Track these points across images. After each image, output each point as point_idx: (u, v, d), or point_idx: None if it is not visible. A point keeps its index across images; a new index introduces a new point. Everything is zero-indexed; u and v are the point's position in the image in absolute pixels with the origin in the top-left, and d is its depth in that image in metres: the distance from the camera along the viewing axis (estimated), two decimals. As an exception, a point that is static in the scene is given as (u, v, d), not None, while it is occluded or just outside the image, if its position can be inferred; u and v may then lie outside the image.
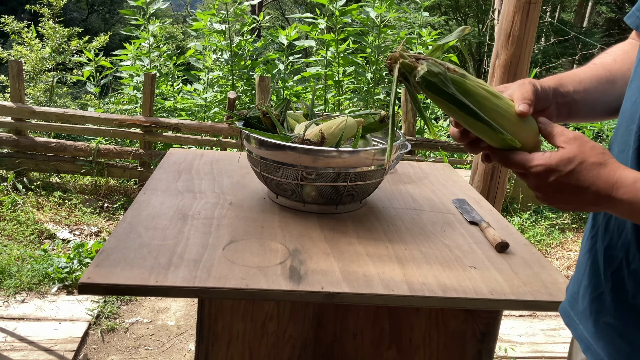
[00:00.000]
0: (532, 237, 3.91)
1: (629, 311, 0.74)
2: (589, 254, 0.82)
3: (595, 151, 0.71)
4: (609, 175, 0.69)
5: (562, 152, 0.72)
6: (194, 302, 2.69)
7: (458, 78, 0.77)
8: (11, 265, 2.86)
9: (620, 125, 0.77)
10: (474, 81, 0.79)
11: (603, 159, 0.70)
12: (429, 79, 0.76)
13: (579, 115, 0.89)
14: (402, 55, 0.78)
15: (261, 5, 15.13)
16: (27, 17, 6.25)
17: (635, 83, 0.75)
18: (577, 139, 0.72)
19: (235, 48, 5.47)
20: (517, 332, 2.68)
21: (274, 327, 1.09)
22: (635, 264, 0.73)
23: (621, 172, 0.69)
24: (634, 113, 0.73)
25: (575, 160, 0.70)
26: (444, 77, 0.76)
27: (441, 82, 0.76)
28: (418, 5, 6.39)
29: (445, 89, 0.76)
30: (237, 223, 1.22)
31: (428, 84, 0.76)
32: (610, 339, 0.77)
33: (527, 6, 2.70)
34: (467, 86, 0.77)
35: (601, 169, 0.69)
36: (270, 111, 1.35)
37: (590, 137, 5.43)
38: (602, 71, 0.89)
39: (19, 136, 4.09)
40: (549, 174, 0.71)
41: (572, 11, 15.11)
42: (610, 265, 0.77)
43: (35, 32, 5.52)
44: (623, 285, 0.75)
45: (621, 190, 0.67)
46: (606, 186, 0.68)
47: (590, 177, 0.69)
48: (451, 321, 1.11)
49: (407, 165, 1.82)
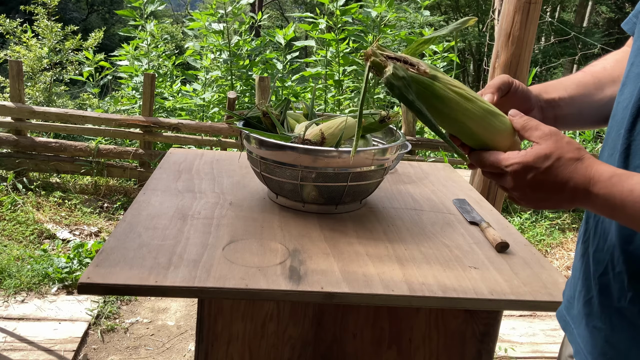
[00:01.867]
0: (532, 237, 3.91)
1: (614, 315, 0.74)
2: (582, 259, 0.82)
3: (571, 146, 0.70)
4: (586, 170, 0.68)
5: (538, 148, 0.71)
6: (193, 302, 2.69)
7: (427, 81, 0.75)
8: (11, 265, 2.86)
9: (611, 129, 0.77)
10: (446, 83, 0.77)
11: (579, 154, 0.70)
12: (392, 82, 0.74)
13: (565, 122, 0.89)
14: (375, 53, 0.77)
15: (261, 4, 15.13)
16: (22, 16, 6.22)
17: (628, 88, 0.75)
18: (553, 135, 0.72)
19: (233, 48, 5.47)
20: (517, 332, 2.68)
21: (274, 327, 1.08)
22: (619, 267, 0.72)
23: (597, 167, 0.68)
24: (623, 118, 0.73)
25: (553, 156, 0.70)
26: (406, 82, 0.74)
27: (404, 87, 0.74)
28: (418, 5, 6.39)
29: (406, 94, 0.74)
30: (237, 223, 1.22)
31: (391, 86, 0.74)
32: (598, 343, 0.77)
33: (527, 6, 2.70)
34: (435, 89, 0.76)
35: (578, 164, 0.69)
36: (270, 111, 1.35)
37: (590, 138, 5.43)
38: (589, 78, 0.89)
39: (19, 136, 4.09)
40: (526, 172, 0.70)
41: (572, 11, 15.11)
42: (598, 268, 0.77)
43: (31, 31, 5.51)
44: (609, 288, 0.74)
45: (598, 185, 0.67)
46: (583, 181, 0.68)
47: (568, 172, 0.69)
48: (451, 321, 1.11)
49: (407, 165, 1.82)
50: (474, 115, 0.76)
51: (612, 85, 0.88)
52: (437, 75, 0.77)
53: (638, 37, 0.78)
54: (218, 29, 5.43)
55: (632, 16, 0.87)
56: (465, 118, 0.76)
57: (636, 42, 0.78)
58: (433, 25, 6.63)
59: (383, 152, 1.25)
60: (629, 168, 0.71)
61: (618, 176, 0.66)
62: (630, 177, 0.66)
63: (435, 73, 0.78)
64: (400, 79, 0.74)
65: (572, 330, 0.84)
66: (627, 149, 0.71)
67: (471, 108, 0.77)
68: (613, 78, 0.88)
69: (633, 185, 0.65)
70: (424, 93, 0.75)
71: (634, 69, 0.75)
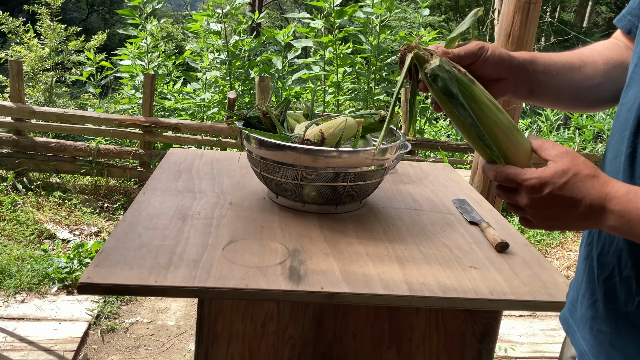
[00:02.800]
0: (532, 237, 3.91)
1: (620, 319, 0.73)
2: (586, 261, 0.82)
3: (587, 164, 0.71)
4: (602, 187, 0.69)
5: (556, 165, 0.71)
6: (194, 302, 2.69)
7: (466, 81, 0.77)
8: (11, 265, 2.86)
9: (615, 131, 0.77)
10: (482, 90, 0.79)
11: (595, 171, 0.70)
12: (438, 73, 0.75)
13: (540, 97, 0.89)
14: (418, 47, 0.78)
15: (261, 4, 15.12)
16: (25, 16, 6.22)
17: (632, 89, 0.75)
18: (570, 153, 0.72)
19: (232, 48, 5.46)
20: (517, 332, 2.68)
21: (274, 327, 1.08)
22: (627, 272, 0.72)
23: (613, 184, 0.68)
24: (627, 120, 0.73)
25: (569, 172, 0.70)
26: (452, 75, 0.76)
27: (449, 80, 0.76)
28: (417, 5, 6.39)
29: (451, 87, 0.75)
30: (237, 223, 1.22)
31: (435, 78, 0.76)
32: (603, 347, 0.76)
33: (527, 6, 2.70)
34: (474, 91, 0.77)
35: (594, 181, 0.69)
36: (270, 111, 1.35)
37: (590, 137, 5.43)
38: (575, 59, 0.89)
39: (19, 136, 4.09)
40: (543, 187, 0.70)
41: (572, 11, 15.12)
42: (603, 272, 0.76)
43: (33, 31, 5.51)
44: (615, 292, 0.74)
45: (614, 202, 0.67)
46: (599, 197, 0.68)
47: (584, 188, 0.69)
48: (451, 321, 1.11)
49: (407, 165, 1.82)
50: (503, 126, 0.77)
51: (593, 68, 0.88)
52: (474, 80, 0.79)
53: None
54: (216, 29, 5.43)
55: (626, 13, 0.87)
56: (495, 126, 0.77)
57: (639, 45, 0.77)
58: (432, 26, 6.62)
59: (383, 152, 1.25)
60: (635, 172, 0.71)
61: (634, 192, 0.66)
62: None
63: (473, 79, 0.79)
64: (447, 71, 0.76)
65: (575, 334, 0.84)
66: (632, 152, 0.71)
67: (502, 118, 0.77)
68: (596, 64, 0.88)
69: None
70: (463, 92, 0.77)
71: (638, 70, 0.75)
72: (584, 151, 5.26)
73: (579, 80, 0.88)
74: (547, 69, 0.87)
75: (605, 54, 0.90)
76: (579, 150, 5.21)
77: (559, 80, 0.87)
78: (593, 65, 0.88)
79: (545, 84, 0.87)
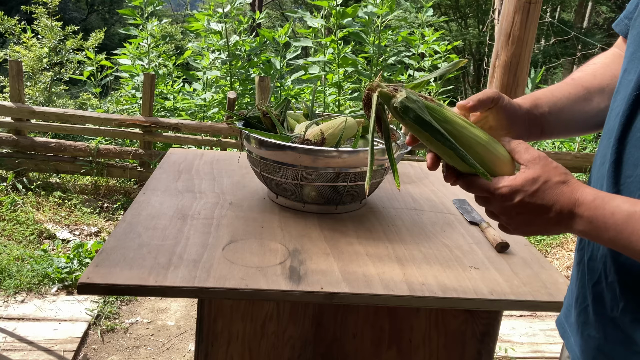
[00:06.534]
0: (532, 237, 3.91)
1: (608, 324, 0.74)
2: (578, 267, 0.82)
3: (558, 170, 0.72)
4: (571, 193, 0.69)
5: (527, 172, 0.72)
6: (193, 302, 2.69)
7: (436, 106, 0.78)
8: (11, 265, 2.86)
9: (603, 138, 0.78)
10: (452, 111, 0.80)
11: (565, 177, 0.71)
12: (408, 105, 0.76)
13: (552, 134, 0.90)
14: (380, 85, 0.79)
15: (261, 4, 15.13)
16: (22, 16, 6.22)
17: (620, 95, 0.75)
18: (542, 159, 0.73)
19: (232, 48, 5.46)
20: (517, 332, 2.68)
21: (274, 327, 1.08)
22: (611, 277, 0.73)
23: (582, 190, 0.69)
24: (614, 126, 0.73)
25: (540, 179, 0.71)
26: (421, 104, 0.77)
27: (419, 109, 0.76)
28: (419, 5, 6.39)
29: (423, 115, 0.76)
30: (237, 223, 1.22)
31: (407, 110, 0.76)
32: (592, 352, 0.77)
33: (527, 6, 2.70)
34: (446, 114, 0.78)
35: (564, 187, 0.70)
36: (271, 111, 1.35)
37: (591, 138, 5.42)
38: (580, 90, 0.89)
39: (19, 136, 4.09)
40: (514, 195, 0.72)
41: (572, 11, 15.12)
42: (592, 277, 0.77)
43: (31, 31, 5.51)
44: (602, 298, 0.75)
45: (582, 207, 0.68)
46: (569, 203, 0.69)
47: (554, 195, 0.70)
48: (451, 321, 1.11)
49: (407, 165, 1.82)
50: (482, 140, 0.78)
51: (600, 95, 0.88)
52: (442, 104, 0.80)
53: (631, 42, 0.77)
54: (217, 29, 5.43)
55: (624, 17, 0.86)
56: (474, 143, 0.77)
57: (629, 48, 0.77)
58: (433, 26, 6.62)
59: (383, 152, 1.25)
60: (620, 179, 0.71)
61: (600, 198, 0.67)
62: (612, 200, 0.67)
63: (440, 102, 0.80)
64: (415, 101, 0.76)
65: (569, 339, 0.84)
66: (617, 159, 0.72)
67: (479, 133, 0.78)
68: (602, 87, 0.88)
69: (614, 208, 0.65)
70: (436, 117, 0.77)
71: (626, 76, 0.74)
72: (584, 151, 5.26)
73: (587, 110, 0.88)
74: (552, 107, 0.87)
75: (607, 72, 0.89)
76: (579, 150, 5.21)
77: (566, 115, 0.88)
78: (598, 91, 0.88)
79: (554, 122, 0.88)
